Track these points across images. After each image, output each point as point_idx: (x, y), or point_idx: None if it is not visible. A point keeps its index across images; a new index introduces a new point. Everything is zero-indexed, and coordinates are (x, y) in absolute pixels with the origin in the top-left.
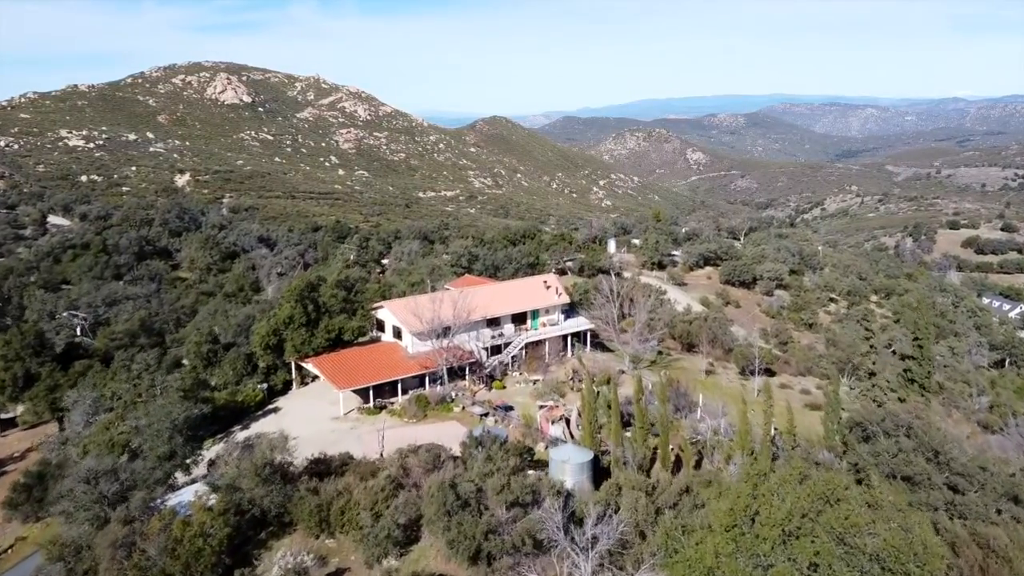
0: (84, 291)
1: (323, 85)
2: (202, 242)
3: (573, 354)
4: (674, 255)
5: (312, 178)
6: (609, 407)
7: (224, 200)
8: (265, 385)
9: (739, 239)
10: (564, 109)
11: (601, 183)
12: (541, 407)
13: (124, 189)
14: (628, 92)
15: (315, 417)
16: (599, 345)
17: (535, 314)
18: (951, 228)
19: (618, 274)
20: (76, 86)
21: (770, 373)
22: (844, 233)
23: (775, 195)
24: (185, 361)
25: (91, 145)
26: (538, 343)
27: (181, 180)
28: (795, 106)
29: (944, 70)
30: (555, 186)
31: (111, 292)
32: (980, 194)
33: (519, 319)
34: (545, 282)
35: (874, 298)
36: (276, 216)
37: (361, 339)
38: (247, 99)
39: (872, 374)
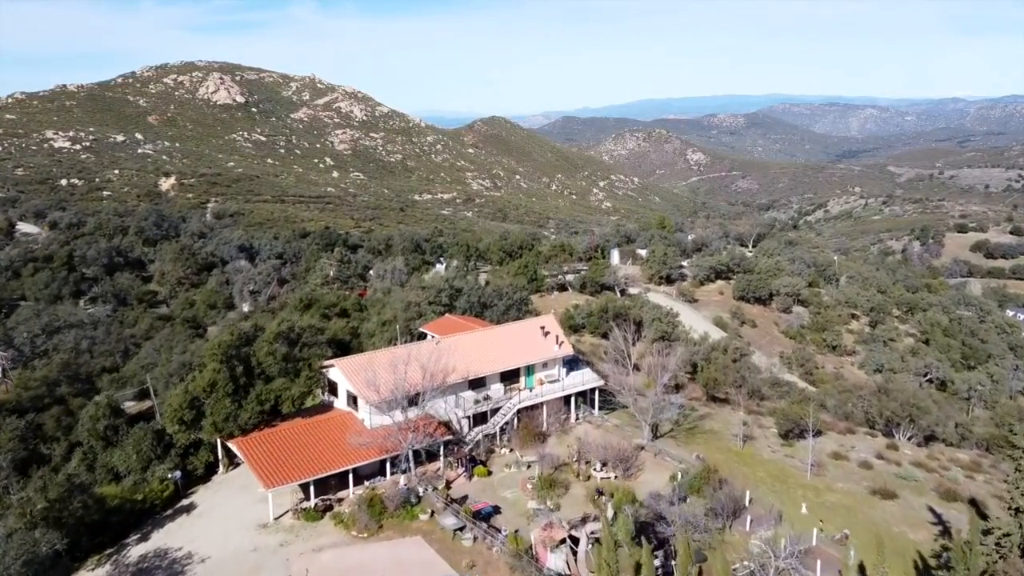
0: (23, 317)
1: (319, 85)
2: (176, 253)
3: (578, 416)
4: (683, 267)
5: (305, 180)
6: (636, 539)
7: (209, 205)
8: (178, 474)
9: (747, 246)
10: (563, 109)
11: (601, 184)
12: (537, 511)
13: (105, 193)
14: (627, 92)
15: (236, 523)
16: (606, 399)
17: (530, 370)
18: (959, 231)
19: (623, 291)
20: (65, 86)
21: (816, 432)
22: (849, 236)
23: (776, 196)
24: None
25: (77, 147)
26: (534, 407)
27: (166, 184)
28: (794, 106)
29: (943, 70)
30: (554, 187)
31: (52, 319)
32: (984, 195)
33: (510, 376)
34: (543, 328)
35: (895, 312)
36: (262, 222)
37: (309, 405)
38: (240, 99)
39: (1018, 511)
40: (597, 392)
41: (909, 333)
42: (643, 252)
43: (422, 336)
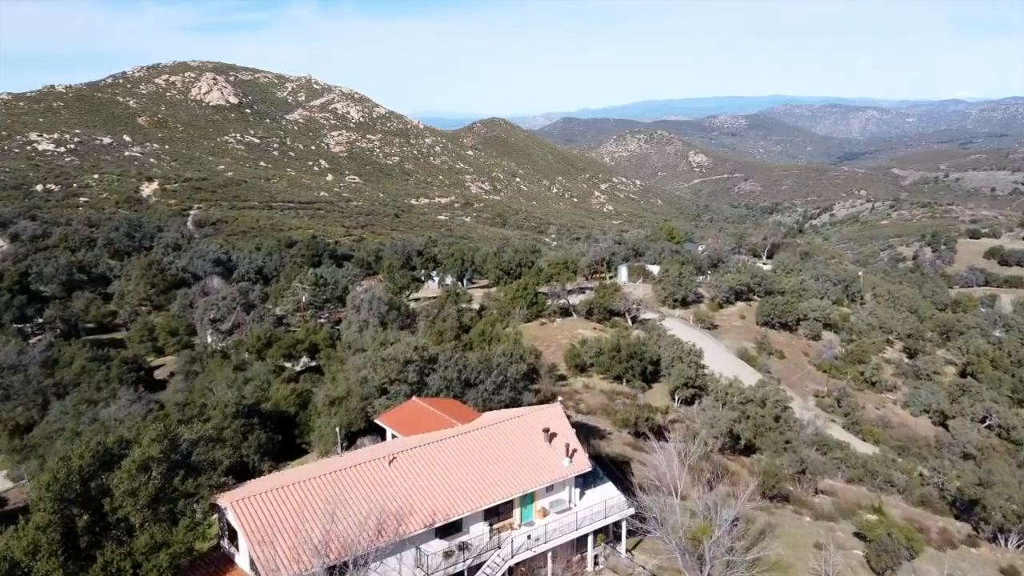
0: None
1: (315, 86)
2: (143, 269)
3: (597, 560)
4: (698, 282)
5: (297, 184)
6: None
7: (191, 212)
8: None
9: (760, 256)
10: (564, 110)
11: (603, 187)
12: None
13: (82, 200)
14: (628, 93)
15: None
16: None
17: (528, 498)
18: (971, 237)
19: (635, 318)
20: (53, 86)
21: (909, 554)
22: (857, 241)
23: (780, 199)
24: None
25: (61, 149)
26: (534, 555)
27: (148, 189)
28: (795, 107)
29: (944, 71)
30: (555, 190)
31: None
32: (991, 198)
33: (498, 509)
34: (547, 430)
35: (930, 334)
36: (247, 230)
37: (202, 551)
38: (234, 100)
39: None
40: (624, 523)
41: (948, 360)
42: (653, 268)
43: (379, 432)
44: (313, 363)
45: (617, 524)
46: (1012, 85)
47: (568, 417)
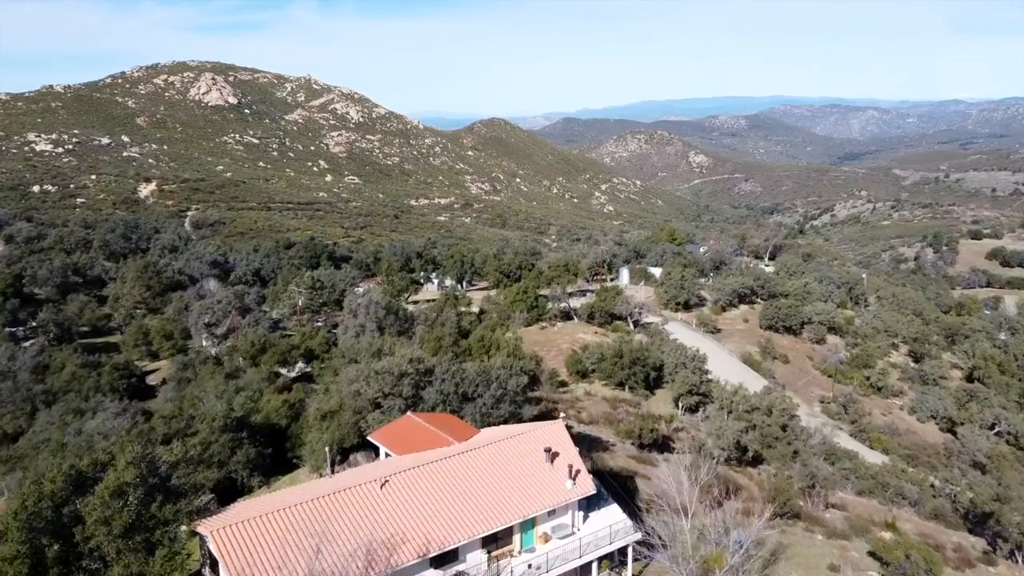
0: None
1: (314, 86)
2: (139, 271)
3: None
4: (700, 285)
5: (296, 185)
6: None
7: (189, 213)
8: None
9: (762, 258)
10: (564, 110)
11: (603, 187)
12: None
13: (79, 201)
14: (628, 93)
15: None
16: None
17: (529, 523)
18: (973, 238)
19: (636, 322)
20: (51, 86)
21: None
22: (858, 242)
23: (780, 199)
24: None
25: (59, 150)
26: None
27: (145, 190)
28: (796, 108)
29: (944, 72)
30: (555, 191)
31: None
32: (991, 199)
33: (497, 537)
34: (549, 450)
35: (935, 338)
36: (245, 232)
37: None
38: (233, 100)
39: None
40: (631, 547)
41: (954, 364)
42: (655, 271)
43: (373, 448)
44: (309, 369)
45: (623, 549)
46: (1012, 85)
47: (569, 428)
